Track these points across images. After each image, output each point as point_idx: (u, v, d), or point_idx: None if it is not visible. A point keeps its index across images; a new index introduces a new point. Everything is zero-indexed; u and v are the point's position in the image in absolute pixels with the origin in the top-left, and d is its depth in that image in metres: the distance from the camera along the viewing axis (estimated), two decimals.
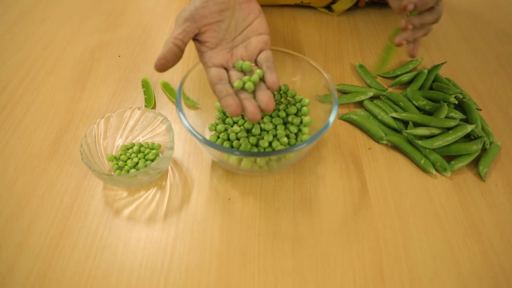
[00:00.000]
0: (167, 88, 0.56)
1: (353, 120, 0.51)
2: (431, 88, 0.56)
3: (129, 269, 0.38)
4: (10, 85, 0.58)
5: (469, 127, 0.47)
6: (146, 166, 0.43)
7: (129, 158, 0.46)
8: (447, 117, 0.49)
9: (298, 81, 0.48)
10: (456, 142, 0.47)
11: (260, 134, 0.43)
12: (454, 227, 0.41)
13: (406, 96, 0.54)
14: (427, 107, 0.51)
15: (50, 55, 0.64)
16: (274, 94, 0.47)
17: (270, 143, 0.42)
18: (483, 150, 0.48)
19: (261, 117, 0.44)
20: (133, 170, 0.44)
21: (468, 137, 0.49)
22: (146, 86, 0.56)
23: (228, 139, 0.44)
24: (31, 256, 0.38)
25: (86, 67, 0.61)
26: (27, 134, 0.50)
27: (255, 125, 0.43)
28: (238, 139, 0.43)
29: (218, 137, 0.44)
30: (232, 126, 0.45)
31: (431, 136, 0.47)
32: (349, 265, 0.38)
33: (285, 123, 0.45)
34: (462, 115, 0.50)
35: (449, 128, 0.48)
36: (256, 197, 0.44)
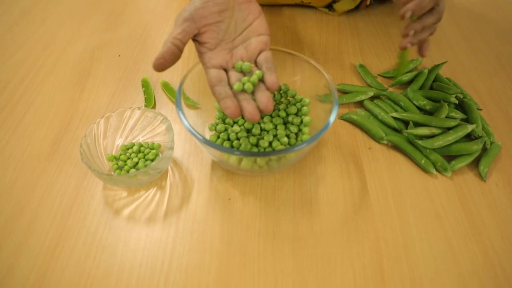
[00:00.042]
0: (167, 88, 0.56)
1: (354, 120, 0.51)
2: (432, 88, 0.56)
3: (129, 269, 0.37)
4: (10, 85, 0.58)
5: (470, 127, 0.47)
6: (146, 166, 0.43)
7: (129, 158, 0.45)
8: (448, 117, 0.49)
9: (298, 81, 0.48)
10: (457, 142, 0.47)
11: (260, 134, 0.43)
12: (455, 227, 0.41)
13: (407, 96, 0.54)
14: (428, 107, 0.51)
15: (50, 55, 0.64)
16: (274, 94, 0.47)
17: (270, 143, 0.42)
18: (484, 150, 0.48)
19: (261, 118, 0.44)
20: (133, 170, 0.44)
21: (469, 137, 0.49)
22: (146, 86, 0.56)
23: (228, 139, 0.44)
24: (31, 256, 0.38)
25: (86, 67, 0.61)
26: (27, 134, 0.50)
27: (255, 125, 0.43)
28: (238, 139, 0.43)
29: (218, 137, 0.44)
30: (232, 126, 0.45)
31: (432, 136, 0.47)
32: (349, 265, 0.38)
33: (285, 123, 0.45)
34: (463, 115, 0.50)
35: (450, 128, 0.47)
36: (256, 197, 0.43)
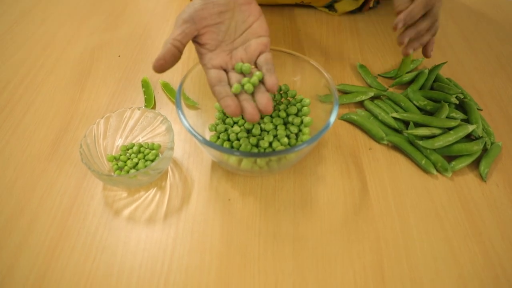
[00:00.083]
0: (167, 88, 0.56)
1: (354, 120, 0.51)
2: (432, 88, 0.55)
3: (129, 270, 0.37)
4: (10, 85, 0.58)
5: (470, 128, 0.47)
6: (146, 167, 0.43)
7: (129, 159, 0.45)
8: (448, 117, 0.49)
9: (299, 81, 0.48)
10: (457, 143, 0.46)
11: (261, 135, 0.43)
12: (455, 228, 0.41)
13: (407, 96, 0.53)
14: (428, 107, 0.51)
15: (50, 55, 0.64)
16: (274, 95, 0.47)
17: (270, 144, 0.42)
18: (484, 151, 0.48)
19: (261, 118, 0.44)
20: (133, 171, 0.44)
21: (469, 138, 0.49)
22: (146, 86, 0.56)
23: (228, 140, 0.43)
24: (31, 257, 0.38)
25: (86, 67, 0.61)
26: (27, 134, 0.50)
27: (256, 125, 0.43)
28: (238, 140, 0.43)
29: (218, 138, 0.44)
30: (232, 127, 0.45)
31: (432, 137, 0.47)
32: (350, 266, 0.38)
33: (286, 123, 0.45)
34: (463, 115, 0.49)
35: (450, 128, 0.47)
36: (256, 198, 0.43)
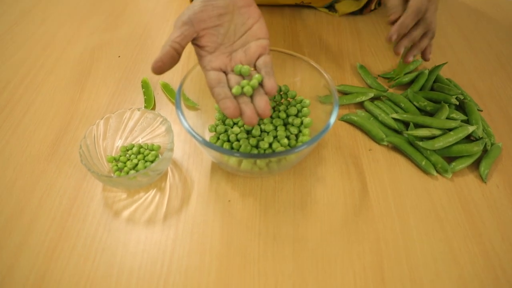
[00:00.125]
0: (167, 89, 0.56)
1: (354, 121, 0.51)
2: (432, 89, 0.55)
3: (129, 271, 0.37)
4: (10, 86, 0.58)
5: (470, 128, 0.47)
6: (146, 168, 0.43)
7: (129, 160, 0.45)
8: (448, 118, 0.49)
9: (299, 82, 0.48)
10: (457, 143, 0.46)
11: (260, 135, 0.43)
12: (455, 229, 0.41)
13: (407, 97, 0.53)
14: (428, 108, 0.51)
15: (50, 55, 0.63)
16: (274, 96, 0.46)
17: (270, 144, 0.42)
18: (484, 152, 0.47)
19: (260, 119, 0.44)
20: (133, 172, 0.44)
21: (469, 139, 0.48)
22: (146, 87, 0.56)
23: (228, 140, 0.43)
24: (30, 258, 0.38)
25: (86, 68, 0.61)
26: (27, 135, 0.50)
27: (255, 126, 0.43)
28: (238, 140, 0.43)
29: (218, 138, 0.44)
30: (232, 127, 0.45)
31: (432, 137, 0.47)
32: (350, 267, 0.38)
33: (286, 124, 0.45)
34: (463, 116, 0.49)
35: (450, 129, 0.47)
36: (256, 199, 0.43)
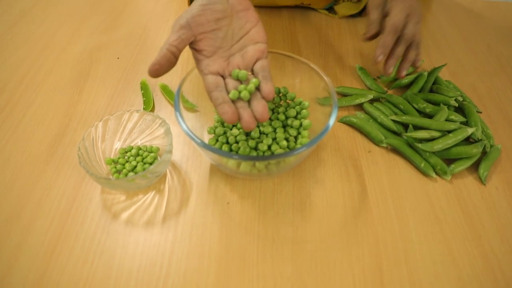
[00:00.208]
0: (166, 91, 0.56)
1: (353, 123, 0.51)
2: (431, 91, 0.55)
3: (127, 274, 0.37)
4: (10, 86, 0.58)
5: (470, 130, 0.46)
6: (145, 170, 0.43)
7: (127, 162, 0.45)
8: (447, 120, 0.49)
9: (298, 84, 0.48)
10: (457, 145, 0.46)
11: (259, 137, 0.43)
12: (454, 231, 0.41)
13: (406, 99, 0.53)
14: (427, 110, 0.51)
15: (50, 56, 0.63)
16: (274, 98, 0.46)
17: (269, 147, 0.42)
18: (484, 153, 0.47)
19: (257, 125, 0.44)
20: (131, 174, 0.44)
21: (468, 140, 0.48)
22: (145, 89, 0.56)
23: (227, 142, 0.43)
24: (29, 260, 0.38)
25: (85, 68, 0.61)
26: (26, 136, 0.50)
27: (255, 128, 0.43)
28: (237, 142, 0.43)
29: (217, 140, 0.44)
30: (231, 129, 0.44)
31: (431, 139, 0.47)
32: (349, 269, 0.38)
33: (285, 126, 0.45)
34: (463, 118, 0.49)
35: (449, 131, 0.47)
36: (255, 201, 0.43)
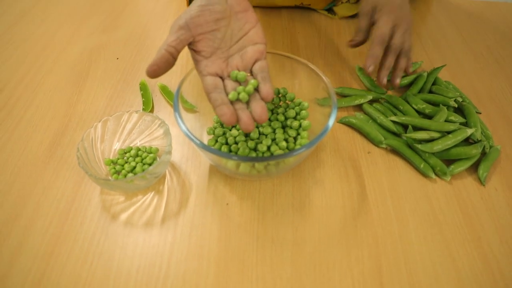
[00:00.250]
0: (165, 91, 0.56)
1: (352, 124, 0.51)
2: (431, 91, 0.55)
3: (126, 275, 0.37)
4: (9, 86, 0.57)
5: (469, 131, 0.46)
6: (144, 171, 0.43)
7: (127, 162, 0.45)
8: (447, 121, 0.49)
9: (297, 84, 0.47)
10: (456, 146, 0.46)
11: (259, 138, 0.43)
12: (454, 232, 0.41)
13: (406, 100, 0.53)
14: (427, 111, 0.51)
15: (49, 56, 0.63)
16: (273, 99, 0.46)
17: (269, 147, 0.42)
18: (483, 154, 0.47)
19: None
20: (131, 175, 0.44)
21: (468, 141, 0.48)
22: (144, 89, 0.56)
23: (227, 143, 0.43)
24: (27, 261, 0.38)
25: (84, 69, 0.61)
26: (25, 137, 0.50)
27: (254, 129, 0.43)
28: (237, 143, 0.43)
29: (216, 141, 0.44)
30: (231, 130, 0.44)
31: (431, 140, 0.47)
32: (348, 271, 0.38)
33: (284, 127, 0.45)
34: (462, 119, 0.49)
35: (449, 132, 0.47)
36: (255, 202, 0.43)
